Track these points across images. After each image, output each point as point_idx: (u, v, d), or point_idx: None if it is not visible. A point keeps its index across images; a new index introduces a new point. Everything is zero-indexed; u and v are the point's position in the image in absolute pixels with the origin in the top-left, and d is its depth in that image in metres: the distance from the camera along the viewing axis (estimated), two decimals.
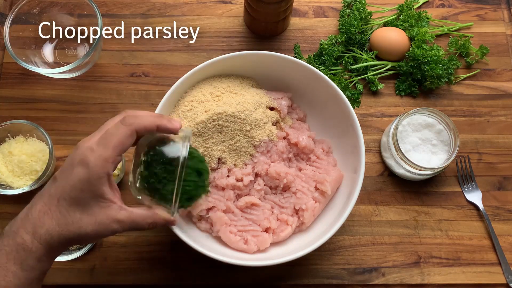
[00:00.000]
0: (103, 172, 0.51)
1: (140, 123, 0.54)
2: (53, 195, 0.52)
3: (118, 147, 0.52)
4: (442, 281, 0.77)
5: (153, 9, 0.90)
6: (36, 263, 0.51)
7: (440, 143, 0.79)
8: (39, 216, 0.51)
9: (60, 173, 0.53)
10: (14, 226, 0.52)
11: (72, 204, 0.51)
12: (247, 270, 0.76)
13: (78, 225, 0.51)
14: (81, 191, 0.51)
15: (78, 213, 0.51)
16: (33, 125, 0.75)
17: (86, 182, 0.51)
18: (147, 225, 0.55)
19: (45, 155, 0.76)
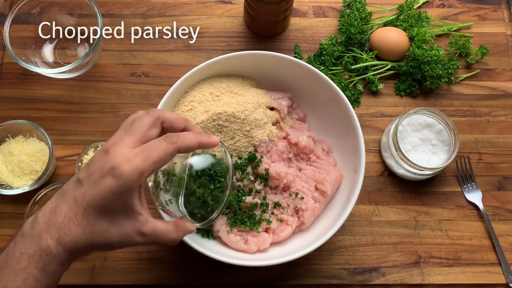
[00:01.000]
0: (137, 185, 0.49)
1: (184, 142, 0.51)
2: (80, 202, 0.49)
3: (157, 163, 0.49)
4: (442, 281, 0.77)
5: (153, 9, 0.90)
6: (59, 267, 0.50)
7: (440, 143, 0.79)
8: (64, 223, 0.49)
9: (87, 178, 0.50)
10: (37, 229, 0.49)
11: (100, 214, 0.49)
12: (247, 270, 0.76)
13: (105, 235, 0.50)
14: (111, 202, 0.49)
15: (105, 223, 0.50)
16: (33, 125, 0.75)
17: (118, 194, 0.49)
18: (169, 241, 0.53)
19: (45, 155, 0.76)
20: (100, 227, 0.50)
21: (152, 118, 0.52)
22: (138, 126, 0.51)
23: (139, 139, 0.51)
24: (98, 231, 0.50)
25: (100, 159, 0.50)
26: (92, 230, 0.50)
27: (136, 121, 0.52)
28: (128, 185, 0.48)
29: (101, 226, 0.50)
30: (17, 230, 0.76)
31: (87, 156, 0.78)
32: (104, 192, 0.48)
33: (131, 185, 0.48)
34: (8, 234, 0.77)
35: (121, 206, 0.50)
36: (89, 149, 0.78)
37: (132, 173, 0.48)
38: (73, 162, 0.80)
